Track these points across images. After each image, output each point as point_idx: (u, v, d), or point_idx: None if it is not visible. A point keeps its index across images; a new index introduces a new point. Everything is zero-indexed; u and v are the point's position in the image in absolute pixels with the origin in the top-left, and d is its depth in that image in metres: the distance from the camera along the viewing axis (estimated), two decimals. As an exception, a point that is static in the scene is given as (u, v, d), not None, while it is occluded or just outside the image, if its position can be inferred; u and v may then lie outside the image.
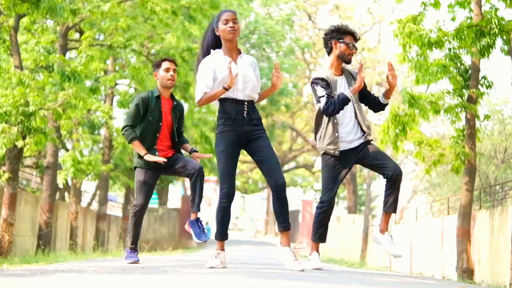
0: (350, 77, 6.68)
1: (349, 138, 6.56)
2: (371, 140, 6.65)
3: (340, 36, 6.64)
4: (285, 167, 49.81)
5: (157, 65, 7.11)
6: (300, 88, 38.94)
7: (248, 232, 62.96)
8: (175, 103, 7.13)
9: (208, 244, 33.96)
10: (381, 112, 7.76)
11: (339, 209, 51.57)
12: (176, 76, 7.15)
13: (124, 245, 23.82)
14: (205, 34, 6.29)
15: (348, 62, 6.66)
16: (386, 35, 38.57)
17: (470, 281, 7.63)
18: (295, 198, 62.00)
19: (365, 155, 6.53)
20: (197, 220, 6.93)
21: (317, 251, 6.73)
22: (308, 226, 31.09)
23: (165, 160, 6.86)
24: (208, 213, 56.99)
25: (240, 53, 6.23)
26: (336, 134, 6.53)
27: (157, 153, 6.94)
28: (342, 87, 6.59)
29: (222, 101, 6.13)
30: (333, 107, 6.42)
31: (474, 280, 12.69)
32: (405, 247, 20.40)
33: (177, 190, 48.06)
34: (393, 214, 6.64)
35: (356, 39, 6.67)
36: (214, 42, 6.19)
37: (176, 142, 7.12)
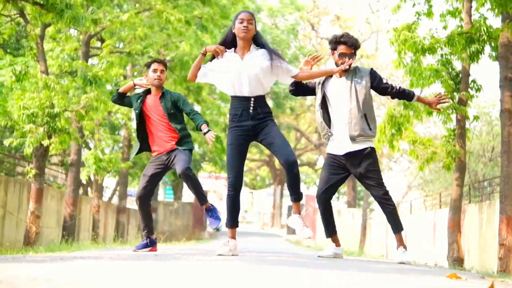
0: (355, 76, 6.46)
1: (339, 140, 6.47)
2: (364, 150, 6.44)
3: (334, 46, 6.54)
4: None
5: (147, 66, 7.19)
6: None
7: (256, 225, 62.90)
8: (162, 93, 7.12)
9: (220, 235, 33.94)
10: (378, 114, 7.61)
11: (340, 203, 51.52)
12: (165, 76, 7.16)
13: (141, 236, 23.80)
14: (227, 31, 6.24)
15: (346, 71, 6.47)
16: (383, 44, 38.47)
17: (461, 268, 7.55)
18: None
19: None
20: (208, 209, 6.97)
21: (334, 242, 6.68)
22: (311, 219, 31.03)
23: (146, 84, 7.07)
24: (219, 208, 56.82)
25: (250, 50, 6.07)
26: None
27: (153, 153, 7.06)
28: (343, 87, 6.45)
29: (232, 98, 6.09)
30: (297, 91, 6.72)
31: (464, 267, 12.64)
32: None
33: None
34: None
35: (350, 47, 6.47)
36: (232, 39, 6.09)
37: (178, 130, 7.01)
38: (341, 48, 6.47)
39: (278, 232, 48.45)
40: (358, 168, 6.38)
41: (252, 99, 6.00)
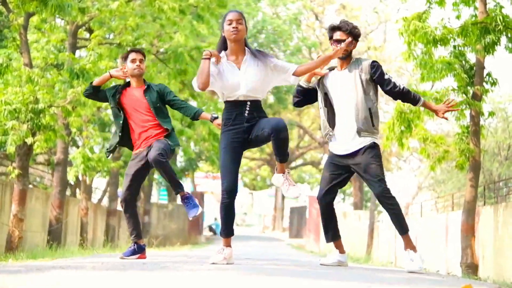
0: (358, 68, 6.41)
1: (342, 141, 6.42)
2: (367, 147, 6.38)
3: (331, 33, 6.53)
4: (293, 164, 49.74)
5: (125, 58, 7.14)
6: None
7: (257, 228, 62.85)
8: (146, 86, 7.07)
9: (217, 239, 33.86)
10: (387, 110, 7.46)
11: (346, 205, 51.45)
12: (144, 66, 7.11)
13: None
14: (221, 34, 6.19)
15: (341, 58, 6.46)
16: (391, 34, 38.38)
17: (476, 277, 7.45)
18: (302, 194, 61.93)
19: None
20: (184, 198, 6.88)
21: (338, 249, 6.61)
22: (315, 221, 30.93)
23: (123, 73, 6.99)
24: (217, 209, 56.83)
25: (245, 54, 6.04)
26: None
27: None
28: (346, 79, 6.41)
29: (225, 103, 6.03)
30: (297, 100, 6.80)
31: (479, 276, 12.54)
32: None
33: (186, 188, 47.94)
34: None
35: (345, 32, 6.43)
36: (223, 42, 6.06)
37: (164, 125, 6.96)
38: (336, 35, 6.46)
39: (280, 235, 48.37)
40: (358, 162, 6.32)
41: (248, 103, 5.96)
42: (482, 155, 13.19)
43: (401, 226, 6.24)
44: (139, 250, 6.93)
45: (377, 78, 6.40)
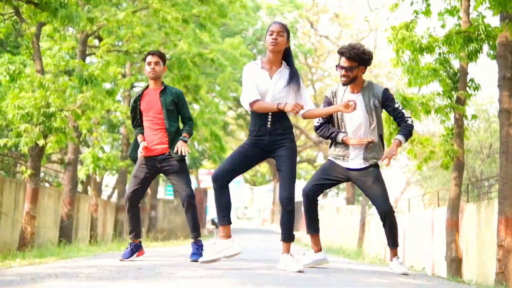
0: (370, 93, 6.11)
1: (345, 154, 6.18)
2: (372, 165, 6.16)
3: (339, 57, 6.18)
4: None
5: (144, 59, 6.88)
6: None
7: (256, 221, 62.73)
8: (163, 87, 6.79)
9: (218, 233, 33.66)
10: None
11: (339, 200, 51.29)
12: (161, 68, 6.78)
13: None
14: None
15: (343, 84, 6.14)
16: (381, 42, 38.21)
17: (459, 279, 7.28)
18: (299, 189, 61.68)
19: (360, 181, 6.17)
20: (197, 242, 6.67)
21: (315, 246, 6.38)
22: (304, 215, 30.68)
23: (142, 153, 6.61)
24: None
25: (280, 66, 5.78)
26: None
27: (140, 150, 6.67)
28: (358, 104, 6.09)
29: (252, 112, 5.74)
30: (321, 133, 6.28)
31: (462, 271, 12.42)
32: (399, 237, 20.03)
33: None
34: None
35: (349, 59, 6.04)
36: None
37: (171, 130, 6.68)
38: (341, 60, 6.12)
39: (278, 228, 48.09)
40: (362, 179, 6.10)
41: (270, 114, 5.66)
42: (465, 155, 13.06)
43: (395, 240, 6.20)
44: (136, 249, 6.72)
45: (388, 106, 6.16)
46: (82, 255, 7.32)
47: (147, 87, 6.86)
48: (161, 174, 6.87)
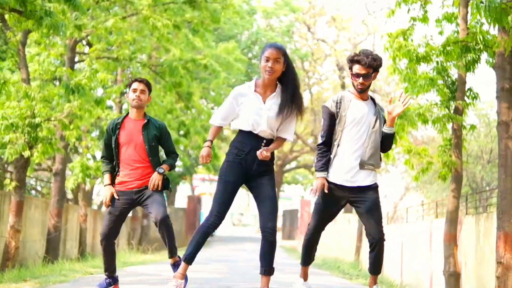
0: (374, 109, 6.00)
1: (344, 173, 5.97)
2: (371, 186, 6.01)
3: (351, 65, 6.00)
4: (287, 167, 49.55)
5: (129, 85, 6.42)
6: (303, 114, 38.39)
7: (252, 228, 62.66)
8: (146, 121, 6.33)
9: (213, 242, 33.53)
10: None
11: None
12: (146, 98, 6.37)
13: (130, 245, 23.37)
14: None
15: (359, 92, 5.97)
16: (379, 45, 38.18)
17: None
18: (296, 194, 61.79)
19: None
20: (176, 263, 6.35)
21: (304, 276, 6.31)
22: (306, 224, 30.65)
23: (111, 198, 6.22)
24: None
25: (275, 90, 5.60)
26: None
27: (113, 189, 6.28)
28: (366, 109, 5.99)
29: (242, 132, 5.59)
30: (319, 153, 6.02)
31: (461, 287, 12.32)
32: (396, 248, 19.95)
33: (184, 190, 47.66)
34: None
35: (365, 66, 5.88)
36: None
37: (154, 166, 6.28)
38: (356, 68, 5.93)
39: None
40: (362, 200, 5.93)
41: (264, 140, 5.54)
42: (465, 160, 12.96)
43: (379, 268, 6.09)
44: (114, 282, 6.48)
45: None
46: (61, 281, 7.17)
47: (126, 115, 6.44)
48: None
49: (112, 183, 6.33)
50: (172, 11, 16.50)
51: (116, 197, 6.24)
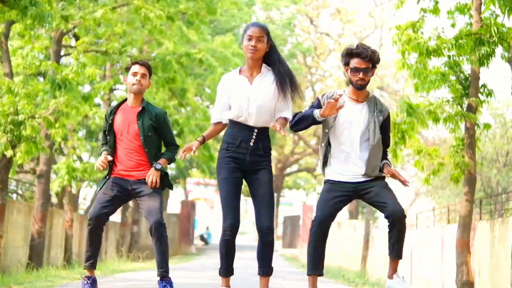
0: (376, 107, 6.01)
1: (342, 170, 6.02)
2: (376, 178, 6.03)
3: (347, 59, 5.98)
4: (288, 170, 49.60)
5: (127, 69, 6.34)
6: (302, 92, 38.56)
7: (251, 236, 62.61)
8: (142, 107, 6.28)
9: (207, 250, 33.61)
10: None
11: (341, 213, 51.27)
12: (147, 82, 6.34)
13: (119, 253, 23.40)
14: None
15: (358, 88, 5.96)
16: (387, 39, 38.16)
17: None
18: (297, 200, 61.79)
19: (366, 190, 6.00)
20: (165, 281, 6.21)
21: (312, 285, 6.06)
22: (308, 230, 30.65)
23: (106, 162, 6.19)
24: (210, 217, 56.70)
25: (260, 71, 5.68)
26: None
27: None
28: (361, 116, 5.99)
29: (231, 123, 5.67)
30: (297, 126, 5.99)
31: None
32: (406, 255, 20.01)
33: (177, 195, 47.72)
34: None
35: (365, 60, 5.89)
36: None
37: (151, 158, 6.26)
38: (354, 62, 5.92)
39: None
40: (370, 189, 5.95)
41: (256, 130, 5.61)
42: (480, 163, 13.00)
43: (400, 250, 5.94)
44: (93, 285, 6.29)
45: (386, 130, 6.12)
46: (48, 286, 7.24)
47: (124, 101, 6.44)
48: None
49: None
50: (165, 2, 16.54)
51: (109, 158, 6.23)
